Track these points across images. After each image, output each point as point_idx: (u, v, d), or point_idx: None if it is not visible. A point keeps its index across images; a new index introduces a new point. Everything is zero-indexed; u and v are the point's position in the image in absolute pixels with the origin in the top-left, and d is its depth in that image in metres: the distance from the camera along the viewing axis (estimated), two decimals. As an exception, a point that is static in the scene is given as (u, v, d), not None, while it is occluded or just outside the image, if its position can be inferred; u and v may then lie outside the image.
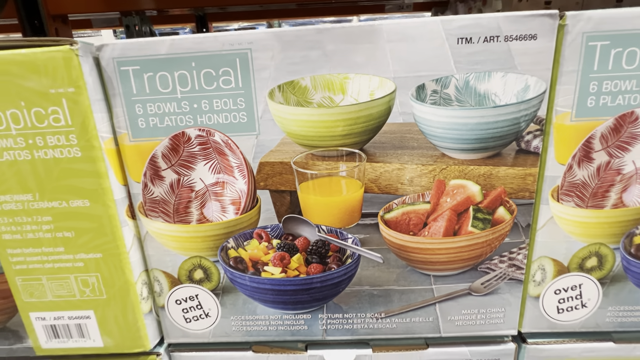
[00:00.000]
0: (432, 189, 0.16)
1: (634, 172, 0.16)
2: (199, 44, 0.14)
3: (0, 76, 0.14)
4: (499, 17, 0.14)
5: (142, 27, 1.21)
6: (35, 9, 0.84)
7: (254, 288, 0.18)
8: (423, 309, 0.18)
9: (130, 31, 1.23)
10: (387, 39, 0.14)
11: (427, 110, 0.15)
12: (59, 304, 0.18)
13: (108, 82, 0.15)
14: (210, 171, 0.16)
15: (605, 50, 0.14)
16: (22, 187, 0.16)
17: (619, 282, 0.18)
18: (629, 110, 0.15)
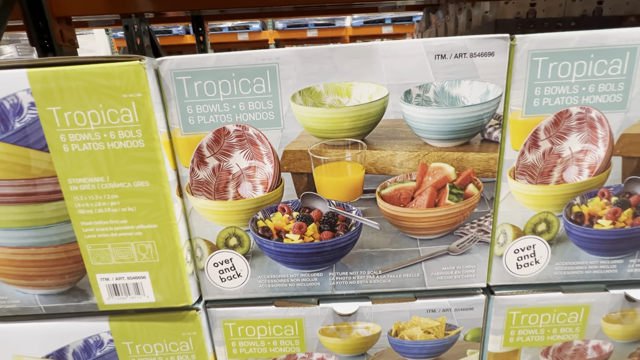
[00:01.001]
0: (417, 170, 0.21)
1: (570, 156, 0.21)
2: (237, 59, 0.19)
3: (84, 84, 0.19)
4: (465, 40, 0.19)
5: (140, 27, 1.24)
6: (40, 11, 0.86)
7: (277, 252, 0.22)
8: (411, 266, 0.23)
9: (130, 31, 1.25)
10: (382, 56, 0.19)
11: (412, 109, 0.19)
12: (120, 267, 0.22)
13: (165, 88, 0.19)
14: (245, 158, 0.21)
15: (545, 64, 0.19)
16: (96, 172, 0.20)
17: (563, 242, 0.23)
18: (564, 108, 0.20)
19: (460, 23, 1.39)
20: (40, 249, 0.21)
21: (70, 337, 0.24)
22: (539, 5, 1.19)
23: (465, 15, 1.32)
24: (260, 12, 1.30)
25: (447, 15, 1.49)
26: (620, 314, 0.24)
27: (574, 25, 1.16)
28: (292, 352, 0.25)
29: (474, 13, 1.28)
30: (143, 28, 1.25)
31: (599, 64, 0.19)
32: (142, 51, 1.26)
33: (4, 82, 0.18)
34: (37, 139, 0.19)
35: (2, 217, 0.21)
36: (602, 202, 0.21)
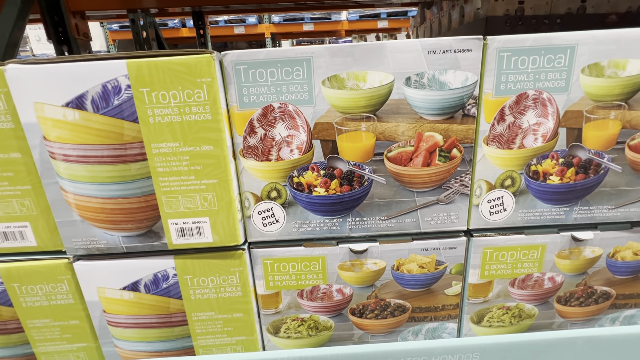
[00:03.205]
0: (414, 138, 0.27)
1: (528, 127, 0.28)
2: (282, 54, 0.25)
3: (169, 72, 0.25)
4: (450, 40, 0.25)
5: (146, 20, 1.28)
6: (57, 6, 0.91)
7: (307, 202, 0.29)
8: (409, 213, 0.30)
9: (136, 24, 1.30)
10: (389, 51, 0.25)
11: (411, 92, 0.26)
12: (187, 213, 0.29)
13: (227, 75, 0.26)
14: (285, 128, 0.27)
15: (509, 58, 0.26)
16: (173, 138, 0.26)
17: (524, 194, 0.30)
18: (523, 91, 0.27)
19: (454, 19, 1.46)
20: (126, 199, 0.28)
21: (143, 272, 0.31)
22: (527, 3, 1.26)
23: (458, 11, 1.39)
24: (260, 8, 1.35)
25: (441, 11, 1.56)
26: (569, 251, 0.31)
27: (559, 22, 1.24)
28: (316, 284, 0.32)
29: (466, 10, 1.35)
30: (149, 21, 1.30)
31: (548, 58, 0.26)
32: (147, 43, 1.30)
33: (108, 69, 0.25)
34: (130, 112, 0.26)
35: (98, 173, 0.27)
36: (552, 163, 0.28)
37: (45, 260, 0.30)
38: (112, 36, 3.33)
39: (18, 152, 0.27)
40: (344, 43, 0.25)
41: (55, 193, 0.28)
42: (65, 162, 0.27)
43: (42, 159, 0.27)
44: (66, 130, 0.26)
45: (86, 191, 0.27)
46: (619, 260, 0.32)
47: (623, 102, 0.27)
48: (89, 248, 0.30)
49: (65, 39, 0.91)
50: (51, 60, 0.25)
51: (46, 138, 0.26)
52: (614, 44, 0.26)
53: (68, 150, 0.26)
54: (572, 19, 1.22)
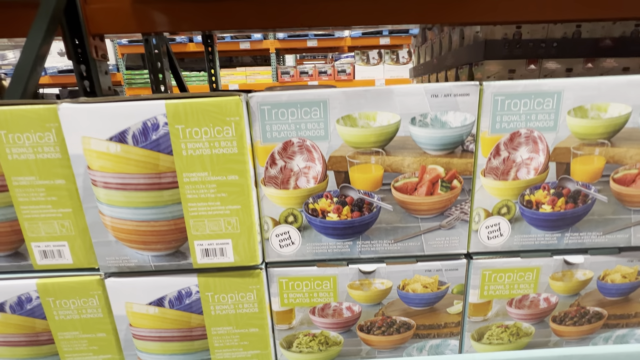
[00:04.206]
0: (419, 170, 0.30)
1: (521, 161, 0.31)
2: (303, 96, 0.29)
3: (203, 111, 0.28)
4: (451, 86, 0.29)
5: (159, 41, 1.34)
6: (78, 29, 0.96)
7: (321, 226, 0.32)
8: (414, 237, 0.32)
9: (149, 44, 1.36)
10: (397, 95, 0.29)
11: (416, 130, 0.29)
12: (211, 236, 0.31)
13: (252, 114, 0.29)
14: (303, 160, 0.30)
15: (502, 101, 0.29)
16: (202, 169, 0.29)
17: (519, 221, 0.32)
18: (516, 130, 0.30)
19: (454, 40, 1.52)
20: (157, 222, 0.31)
21: (169, 289, 0.33)
22: (524, 27, 1.32)
23: (458, 33, 1.45)
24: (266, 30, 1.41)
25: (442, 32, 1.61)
26: (562, 274, 0.34)
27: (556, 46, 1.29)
28: (327, 302, 0.34)
29: (466, 32, 1.41)
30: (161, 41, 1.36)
31: (537, 101, 0.29)
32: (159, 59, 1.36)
33: (149, 109, 0.28)
34: (165, 146, 0.29)
35: (134, 199, 0.30)
36: (544, 193, 0.31)
37: (80, 276, 0.33)
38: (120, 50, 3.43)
39: (63, 179, 0.30)
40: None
41: (94, 216, 0.31)
42: (105, 189, 0.30)
43: (84, 186, 0.30)
44: (108, 160, 0.29)
45: (122, 215, 0.30)
46: (609, 283, 0.34)
47: (606, 140, 0.30)
48: (120, 266, 0.32)
49: (84, 59, 0.96)
50: (99, 100, 0.28)
51: (90, 167, 0.29)
52: (596, 90, 0.29)
53: (109, 179, 0.29)
54: (567, 43, 1.27)
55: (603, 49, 1.26)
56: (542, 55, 1.23)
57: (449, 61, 1.50)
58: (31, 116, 0.29)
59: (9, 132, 0.29)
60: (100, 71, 0.99)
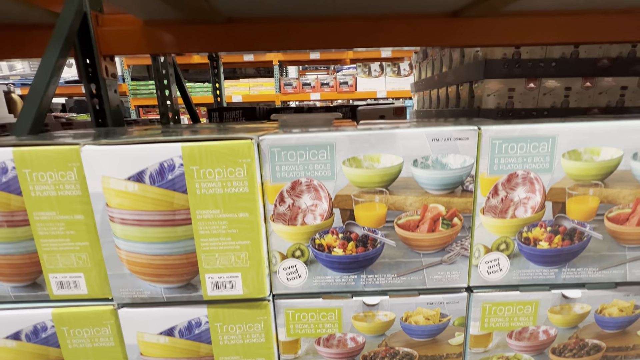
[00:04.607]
0: (421, 208, 0.32)
1: (519, 201, 0.32)
2: (310, 140, 0.30)
3: (216, 154, 0.30)
4: (451, 130, 0.30)
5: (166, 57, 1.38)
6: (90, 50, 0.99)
7: (327, 261, 0.33)
8: (416, 272, 0.34)
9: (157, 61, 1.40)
10: (400, 139, 0.30)
11: (418, 171, 0.31)
12: (222, 269, 0.33)
13: (263, 155, 0.31)
14: (310, 199, 0.32)
15: (500, 144, 0.31)
16: (215, 206, 0.31)
17: (518, 257, 0.34)
18: (513, 172, 0.31)
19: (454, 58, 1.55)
20: (171, 257, 0.32)
21: (179, 319, 0.34)
22: (523, 47, 1.35)
23: (458, 52, 1.48)
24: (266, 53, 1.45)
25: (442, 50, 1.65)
26: (560, 307, 0.35)
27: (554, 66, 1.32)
28: (332, 333, 0.35)
29: (466, 51, 1.44)
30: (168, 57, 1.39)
31: (533, 145, 0.31)
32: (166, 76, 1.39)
33: (166, 151, 0.30)
34: (180, 185, 0.30)
35: (149, 234, 0.32)
36: (541, 230, 0.33)
37: (94, 306, 0.34)
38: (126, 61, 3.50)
39: (82, 214, 0.32)
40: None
41: (110, 250, 0.32)
42: (122, 225, 0.31)
43: (102, 222, 0.32)
44: (126, 198, 0.31)
45: (137, 249, 0.32)
46: (606, 316, 0.35)
47: (600, 181, 0.31)
48: (133, 297, 0.34)
49: (94, 78, 0.99)
50: (119, 142, 0.30)
51: (108, 205, 0.31)
52: (589, 135, 0.30)
53: (126, 215, 0.31)
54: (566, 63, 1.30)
55: (601, 69, 1.28)
56: (541, 75, 1.25)
57: (450, 78, 1.53)
58: (55, 156, 0.31)
59: (33, 170, 0.31)
60: (109, 90, 1.02)
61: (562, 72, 1.29)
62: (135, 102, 3.82)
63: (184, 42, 0.97)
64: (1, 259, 0.33)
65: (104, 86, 1.03)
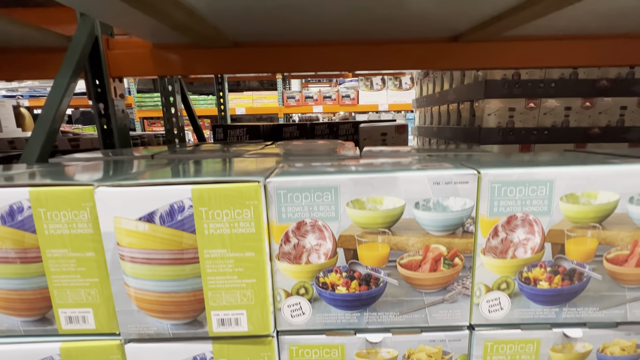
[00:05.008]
0: (422, 249, 0.33)
1: (519, 242, 0.33)
2: (316, 182, 0.31)
3: (224, 196, 0.31)
4: (451, 174, 0.31)
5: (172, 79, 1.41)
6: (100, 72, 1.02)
7: (331, 298, 0.34)
8: (419, 310, 0.34)
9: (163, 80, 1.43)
10: (402, 182, 0.31)
11: (420, 213, 0.32)
12: (228, 307, 0.33)
13: (269, 197, 0.32)
14: (314, 239, 0.33)
15: (499, 188, 0.32)
16: (222, 246, 0.32)
17: (519, 296, 0.34)
18: (513, 214, 0.32)
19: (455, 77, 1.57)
20: (178, 294, 0.33)
21: (185, 355, 0.35)
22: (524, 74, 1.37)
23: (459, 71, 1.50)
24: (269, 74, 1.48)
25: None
26: (561, 346, 0.35)
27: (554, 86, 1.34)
28: (335, 369, 0.36)
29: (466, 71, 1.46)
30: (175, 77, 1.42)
31: (532, 188, 0.32)
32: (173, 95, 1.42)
33: (177, 193, 0.31)
34: (189, 225, 0.31)
35: (157, 272, 0.32)
36: (541, 271, 0.33)
37: (101, 341, 0.35)
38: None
39: (93, 251, 0.33)
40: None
41: (119, 287, 0.33)
42: (131, 263, 0.32)
43: (112, 260, 0.32)
44: (136, 238, 0.32)
45: (145, 286, 0.33)
46: (608, 355, 0.35)
47: (597, 224, 0.32)
48: (140, 333, 0.34)
49: (103, 98, 1.02)
50: (131, 184, 0.31)
51: (119, 244, 0.32)
52: (585, 180, 0.31)
53: (135, 254, 0.32)
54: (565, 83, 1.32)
55: (600, 89, 1.30)
56: (541, 95, 1.27)
57: (451, 96, 1.55)
58: (69, 196, 0.32)
59: (48, 209, 0.32)
60: (117, 110, 1.04)
61: (561, 92, 1.31)
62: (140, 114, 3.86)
63: (191, 65, 0.99)
64: (13, 294, 0.34)
65: (112, 106, 1.05)
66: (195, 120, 1.56)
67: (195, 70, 1.00)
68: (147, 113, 3.76)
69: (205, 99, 3.75)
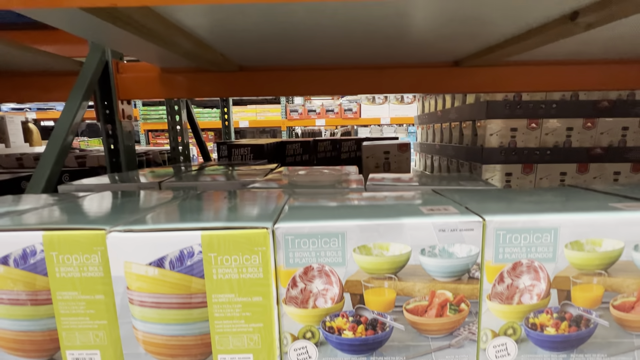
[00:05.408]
0: (428, 294, 0.33)
1: (524, 288, 0.33)
2: (322, 229, 0.32)
3: (233, 242, 0.31)
4: (457, 221, 0.32)
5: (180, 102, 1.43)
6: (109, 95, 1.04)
7: (337, 343, 0.34)
8: (425, 355, 0.34)
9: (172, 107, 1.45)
10: (408, 229, 0.32)
11: (426, 260, 0.32)
12: (234, 350, 0.33)
13: (277, 242, 0.32)
14: (321, 283, 0.33)
15: (504, 235, 0.32)
16: (230, 291, 0.32)
17: (525, 341, 0.34)
18: (518, 260, 0.32)
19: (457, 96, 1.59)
20: (186, 337, 0.33)
21: (191, 398, 0.35)
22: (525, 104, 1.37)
23: (461, 91, 1.51)
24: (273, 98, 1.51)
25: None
26: (570, 392, 0.35)
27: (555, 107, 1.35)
28: (341, 413, 0.35)
29: (468, 91, 1.46)
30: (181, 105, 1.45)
31: (536, 236, 0.32)
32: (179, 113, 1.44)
33: (187, 239, 0.31)
34: (198, 271, 0.32)
35: (165, 316, 0.33)
36: (548, 317, 0.33)
37: (107, 383, 0.35)
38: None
39: (102, 294, 0.33)
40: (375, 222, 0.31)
41: (127, 330, 0.33)
42: (140, 307, 0.32)
43: (122, 304, 0.33)
44: (146, 282, 0.32)
45: (153, 330, 0.33)
46: (617, 401, 0.35)
47: (603, 271, 0.32)
48: (147, 376, 0.34)
49: (111, 120, 1.04)
50: (143, 229, 0.32)
51: (129, 288, 0.32)
52: (590, 227, 0.32)
53: (145, 298, 0.32)
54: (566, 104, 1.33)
55: (601, 110, 1.31)
56: (543, 115, 1.28)
57: (453, 115, 1.56)
58: (82, 241, 0.32)
59: (60, 253, 0.33)
60: (124, 131, 1.06)
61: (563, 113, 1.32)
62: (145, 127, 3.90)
63: (198, 88, 1.01)
64: (22, 336, 0.34)
65: (120, 128, 1.07)
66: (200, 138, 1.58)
67: (201, 93, 1.02)
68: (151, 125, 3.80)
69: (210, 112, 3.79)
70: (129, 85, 1.01)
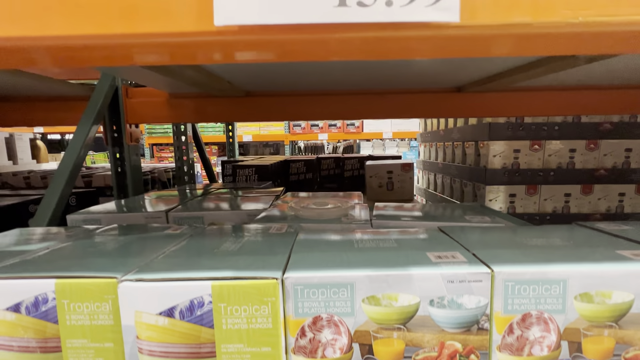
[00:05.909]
0: (438, 345, 0.33)
1: (534, 339, 0.33)
2: (331, 279, 0.32)
3: (243, 293, 0.32)
4: (465, 273, 0.32)
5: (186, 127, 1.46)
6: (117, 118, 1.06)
7: (346, 393, 0.34)
8: (435, 407, 0.34)
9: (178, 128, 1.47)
10: (417, 280, 0.32)
11: (435, 311, 0.32)
12: (242, 401, 0.33)
13: (287, 292, 0.33)
14: (330, 333, 0.33)
15: (513, 286, 0.32)
16: (239, 340, 0.32)
17: (536, 394, 0.34)
18: (527, 312, 0.32)
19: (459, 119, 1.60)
20: (193, 387, 0.33)
21: None
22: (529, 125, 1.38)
23: (463, 111, 1.52)
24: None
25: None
26: None
27: (557, 129, 1.35)
28: None
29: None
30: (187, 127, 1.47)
31: (545, 287, 0.32)
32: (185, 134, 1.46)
33: (197, 289, 0.32)
34: (208, 320, 0.32)
35: (174, 366, 0.33)
36: (559, 368, 0.33)
37: None
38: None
39: (112, 342, 0.34)
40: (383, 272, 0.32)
41: (136, 379, 0.33)
42: (149, 356, 0.33)
43: (131, 353, 0.33)
44: (155, 332, 0.32)
45: (162, 379, 0.33)
46: None
47: (614, 323, 0.32)
48: None
49: (119, 143, 1.05)
50: (154, 279, 0.32)
51: (138, 337, 0.32)
52: (599, 279, 0.32)
53: (154, 347, 0.32)
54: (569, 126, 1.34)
55: (603, 132, 1.32)
56: (545, 137, 1.29)
57: (455, 135, 1.57)
58: (93, 289, 0.33)
59: (71, 301, 0.33)
60: (132, 154, 1.08)
61: (565, 135, 1.33)
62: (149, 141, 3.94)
63: (205, 113, 1.03)
64: (31, 383, 0.34)
65: (127, 151, 1.08)
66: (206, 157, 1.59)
67: (208, 118, 1.03)
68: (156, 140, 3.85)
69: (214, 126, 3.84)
70: (137, 110, 1.03)
